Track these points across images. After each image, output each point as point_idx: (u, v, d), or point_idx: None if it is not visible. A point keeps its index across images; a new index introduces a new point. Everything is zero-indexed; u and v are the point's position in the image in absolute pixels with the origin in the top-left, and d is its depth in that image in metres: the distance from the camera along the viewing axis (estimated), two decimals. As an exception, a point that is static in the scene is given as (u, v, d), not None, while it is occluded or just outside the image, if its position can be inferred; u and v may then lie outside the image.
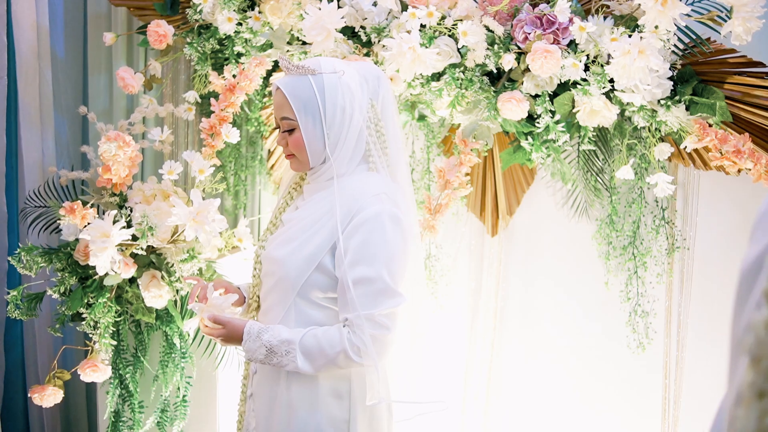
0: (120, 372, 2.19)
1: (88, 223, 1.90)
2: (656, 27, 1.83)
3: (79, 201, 1.96)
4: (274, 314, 1.62)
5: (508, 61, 1.98)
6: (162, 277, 2.06)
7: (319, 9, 1.93)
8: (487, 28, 2.03)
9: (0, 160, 2.42)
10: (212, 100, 2.13)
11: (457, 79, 2.06)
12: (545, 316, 2.44)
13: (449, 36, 2.06)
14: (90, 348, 2.09)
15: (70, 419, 2.74)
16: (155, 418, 2.28)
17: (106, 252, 1.82)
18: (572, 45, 1.97)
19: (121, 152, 1.91)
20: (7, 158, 2.49)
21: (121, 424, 2.23)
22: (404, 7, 2.09)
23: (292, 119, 1.57)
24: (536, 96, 2.04)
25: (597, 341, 2.36)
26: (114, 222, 1.87)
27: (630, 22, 1.96)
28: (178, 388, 2.27)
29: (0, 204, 2.42)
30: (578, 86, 1.96)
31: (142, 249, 1.99)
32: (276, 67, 2.31)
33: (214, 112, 2.11)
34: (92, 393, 2.73)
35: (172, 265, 2.07)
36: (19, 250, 2.06)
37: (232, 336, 1.60)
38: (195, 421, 2.39)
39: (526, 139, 2.08)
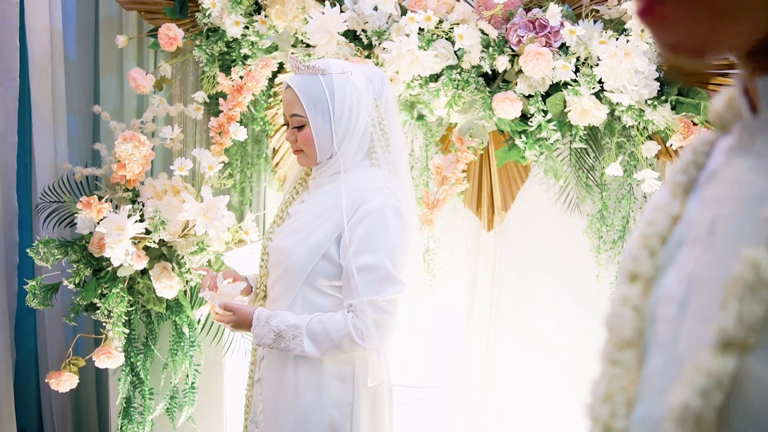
0: (131, 360, 2.25)
1: (104, 217, 1.97)
2: (642, 30, 1.92)
3: (95, 196, 2.03)
4: (281, 302, 1.67)
5: (502, 63, 2.06)
6: (173, 269, 2.14)
7: (323, 13, 1.99)
8: (482, 32, 2.09)
9: (12, 159, 2.47)
10: (221, 99, 2.19)
11: (454, 80, 2.12)
12: (539, 307, 2.51)
13: (446, 39, 2.12)
14: (104, 336, 2.17)
15: (81, 408, 2.81)
16: (165, 405, 2.34)
17: (121, 244, 1.90)
18: (563, 48, 2.05)
19: (136, 151, 1.99)
20: (21, 156, 2.54)
21: (132, 410, 2.29)
22: (404, 12, 2.16)
23: (302, 116, 1.63)
24: (529, 96, 2.10)
25: (588, 331, 2.42)
26: (128, 216, 1.95)
27: (618, 26, 2.04)
28: (187, 376, 2.33)
29: (11, 200, 2.47)
30: (569, 87, 2.04)
31: (154, 242, 2.07)
32: (281, 68, 2.37)
33: (222, 111, 2.17)
34: (102, 382, 2.79)
35: (182, 257, 2.14)
36: (37, 242, 2.14)
37: (242, 322, 1.66)
38: (203, 407, 2.44)
39: (520, 138, 2.16)
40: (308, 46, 2.26)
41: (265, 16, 2.29)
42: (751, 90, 0.52)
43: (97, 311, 2.13)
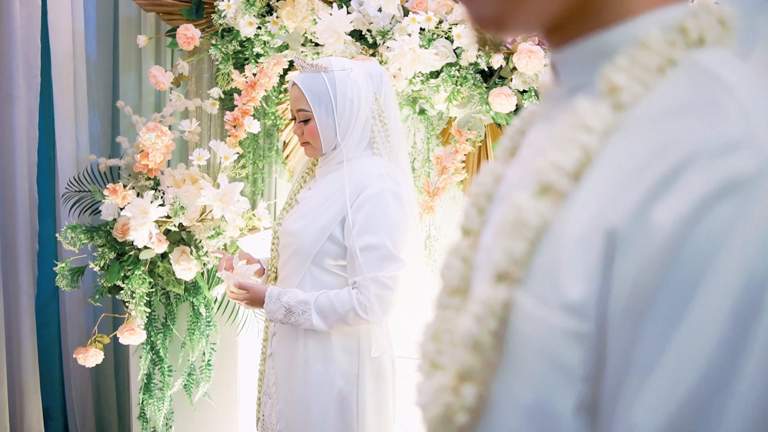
0: (152, 339, 2.36)
1: (128, 203, 2.10)
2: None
3: (120, 183, 2.16)
4: (291, 281, 1.78)
5: (497, 61, 2.16)
6: (191, 252, 2.26)
7: (331, 15, 2.09)
8: (479, 31, 2.21)
9: (33, 152, 2.56)
10: (235, 95, 2.29)
11: (453, 77, 2.21)
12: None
13: (446, 38, 2.21)
14: (127, 315, 2.30)
15: (101, 387, 2.93)
16: (183, 381, 2.45)
17: (145, 227, 2.04)
18: (555, 46, 2.16)
19: (159, 140, 2.13)
20: (44, 151, 2.65)
21: (152, 386, 2.41)
22: (406, 13, 2.25)
23: (308, 111, 1.75)
24: (524, 91, 2.20)
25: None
26: (151, 201, 2.09)
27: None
28: (204, 353, 2.43)
29: (32, 192, 2.57)
30: (560, 82, 2.15)
31: (174, 226, 2.19)
32: (291, 66, 2.45)
33: (237, 106, 2.27)
34: (120, 362, 2.92)
35: (200, 241, 2.27)
36: (65, 227, 2.26)
37: (255, 299, 1.78)
38: (218, 383, 2.54)
39: (515, 130, 2.27)
40: (317, 45, 2.34)
41: (277, 17, 2.36)
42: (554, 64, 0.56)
43: (121, 292, 2.25)
